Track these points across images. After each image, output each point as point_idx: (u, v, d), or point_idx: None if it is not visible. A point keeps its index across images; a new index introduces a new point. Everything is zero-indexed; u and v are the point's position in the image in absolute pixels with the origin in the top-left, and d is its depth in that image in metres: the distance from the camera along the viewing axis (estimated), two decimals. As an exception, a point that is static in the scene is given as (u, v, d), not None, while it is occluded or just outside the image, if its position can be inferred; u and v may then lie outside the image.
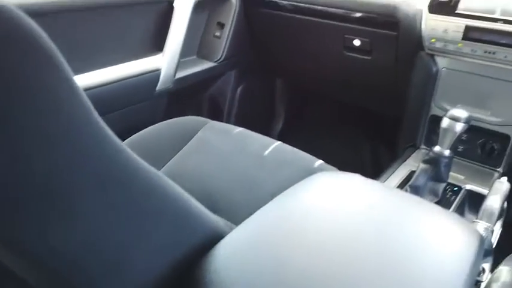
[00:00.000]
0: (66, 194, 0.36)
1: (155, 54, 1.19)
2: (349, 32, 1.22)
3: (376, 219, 0.50)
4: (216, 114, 1.48)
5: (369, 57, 1.23)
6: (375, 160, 1.58)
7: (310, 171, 0.92)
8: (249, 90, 1.54)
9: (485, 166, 1.08)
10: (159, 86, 1.21)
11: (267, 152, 0.99)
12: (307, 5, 1.24)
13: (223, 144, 1.00)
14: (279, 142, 1.02)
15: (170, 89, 1.25)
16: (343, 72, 1.36)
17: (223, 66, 1.40)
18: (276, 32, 1.41)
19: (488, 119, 1.03)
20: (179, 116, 1.09)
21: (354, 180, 0.60)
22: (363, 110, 1.52)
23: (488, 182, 1.03)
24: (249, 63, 1.51)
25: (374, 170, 1.37)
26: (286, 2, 1.28)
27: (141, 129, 1.01)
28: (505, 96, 0.99)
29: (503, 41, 0.91)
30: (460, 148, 1.10)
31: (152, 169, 0.44)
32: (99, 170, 0.38)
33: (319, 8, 1.22)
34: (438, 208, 0.54)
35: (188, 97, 1.41)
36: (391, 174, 1.05)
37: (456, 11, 0.96)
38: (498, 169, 1.06)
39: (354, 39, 1.22)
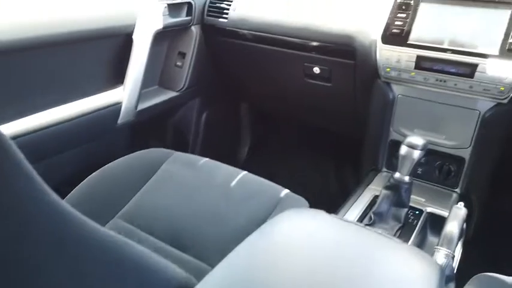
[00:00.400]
0: (17, 264, 0.34)
1: (116, 88, 1.16)
2: (308, 60, 1.25)
3: (341, 258, 0.51)
4: (180, 144, 1.46)
5: (329, 84, 1.26)
6: (340, 182, 1.61)
7: (277, 202, 0.93)
8: (214, 117, 1.54)
9: (444, 187, 1.12)
10: (120, 119, 1.19)
11: (233, 184, 0.99)
12: (266, 34, 1.26)
13: (188, 177, 0.99)
14: (245, 172, 1.02)
15: (132, 121, 1.22)
16: (305, 97, 1.38)
17: (186, 95, 1.39)
18: (238, 59, 1.42)
19: (444, 142, 1.07)
20: (143, 149, 1.07)
21: (319, 219, 0.61)
22: (327, 133, 1.55)
23: (448, 203, 1.07)
24: (213, 91, 1.51)
25: (340, 193, 1.39)
26: (246, 31, 1.30)
27: (104, 165, 0.99)
28: (457, 121, 1.04)
29: (453, 70, 0.95)
30: (419, 171, 1.14)
31: (107, 232, 0.42)
32: (51, 239, 0.37)
33: (279, 37, 1.24)
34: (397, 243, 0.55)
35: (151, 128, 1.39)
36: (356, 200, 1.07)
37: (408, 42, 1.00)
38: (456, 190, 1.11)
39: (314, 67, 1.25)
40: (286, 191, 0.97)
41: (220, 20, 1.33)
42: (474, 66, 0.93)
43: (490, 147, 1.04)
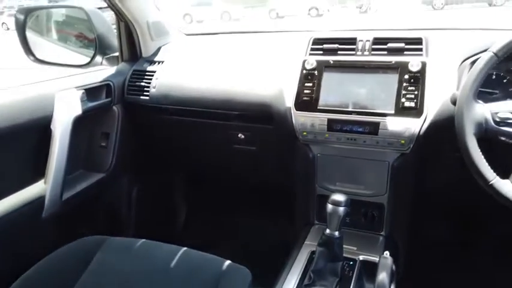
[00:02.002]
0: None
1: (37, 181, 1.11)
2: (232, 128, 1.31)
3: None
4: (114, 226, 1.41)
5: (253, 148, 1.33)
6: (279, 238, 1.65)
7: (220, 277, 0.94)
8: (146, 193, 1.52)
9: (371, 232, 1.21)
10: (45, 213, 1.13)
11: (173, 264, 0.98)
12: (189, 108, 1.31)
13: (125, 265, 0.96)
14: (184, 249, 1.02)
15: (58, 212, 1.17)
16: (235, 162, 1.44)
17: (114, 175, 1.37)
18: (164, 133, 1.44)
19: (364, 192, 1.17)
20: (74, 239, 1.03)
21: None
22: (261, 192, 1.61)
23: (376, 247, 1.16)
24: (142, 167, 1.50)
25: (280, 250, 1.42)
26: (169, 107, 1.33)
27: (35, 263, 0.93)
28: (372, 172, 1.14)
29: (360, 129, 1.07)
30: (347, 220, 1.22)
31: None
32: None
33: (201, 110, 1.29)
34: None
35: (81, 215, 1.33)
36: (295, 259, 1.11)
37: (318, 107, 1.11)
38: (381, 233, 1.20)
39: (238, 133, 1.32)
40: (228, 262, 0.98)
41: (142, 97, 1.35)
42: (377, 124, 1.05)
43: (403, 192, 1.16)
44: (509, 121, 0.84)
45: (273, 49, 1.34)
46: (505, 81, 1.10)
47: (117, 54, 1.45)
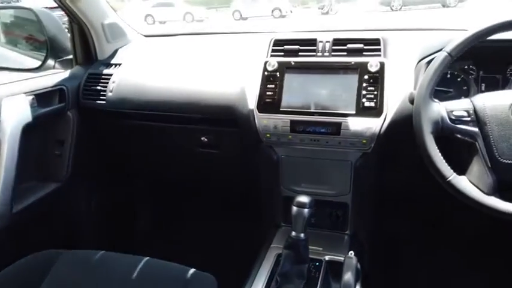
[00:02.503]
0: None
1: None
2: (196, 132, 1.28)
3: None
4: (72, 239, 1.34)
5: (217, 151, 1.31)
6: (245, 241, 1.63)
7: (185, 284, 0.91)
8: (105, 202, 1.46)
9: (336, 231, 1.22)
10: (-7, 228, 1.06)
11: (135, 275, 0.94)
12: (149, 112, 1.27)
13: (83, 278, 0.91)
14: (146, 258, 0.98)
15: (9, 226, 1.09)
16: (199, 166, 1.41)
17: (71, 183, 1.30)
18: (124, 138, 1.39)
19: (328, 192, 1.18)
20: (27, 254, 0.96)
21: None
22: (227, 194, 1.58)
23: (341, 247, 1.16)
24: (100, 174, 1.44)
25: (246, 253, 1.40)
26: (128, 111, 1.28)
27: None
28: (336, 172, 1.15)
29: (323, 130, 1.07)
30: (313, 220, 1.22)
31: None
32: None
33: (162, 113, 1.26)
34: None
35: (35, 229, 1.25)
36: (261, 263, 1.10)
37: (281, 109, 1.10)
38: (346, 232, 1.21)
39: (201, 136, 1.29)
40: (193, 270, 0.95)
41: (98, 102, 1.30)
42: (338, 125, 1.05)
43: (366, 191, 1.17)
44: (463, 119, 0.87)
45: (235, 51, 1.33)
46: (458, 79, 1.14)
47: (71, 57, 1.38)
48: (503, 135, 0.82)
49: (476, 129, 0.85)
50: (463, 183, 0.85)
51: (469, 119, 0.86)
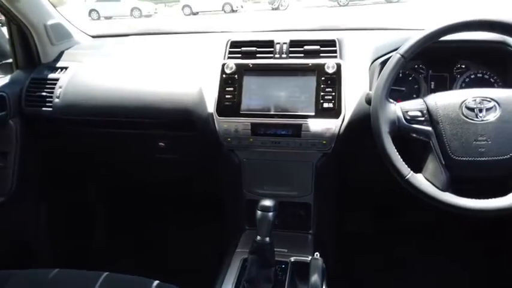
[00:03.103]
0: None
1: None
2: (152, 137, 1.23)
3: None
4: (23, 257, 1.25)
5: (176, 156, 1.27)
6: (210, 245, 1.61)
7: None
8: (57, 214, 1.37)
9: (300, 231, 1.23)
10: None
11: None
12: (99, 118, 1.20)
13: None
14: (105, 274, 0.93)
15: None
16: (158, 172, 1.36)
17: (17, 198, 1.21)
18: (74, 146, 1.31)
19: (291, 193, 1.18)
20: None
21: None
22: (190, 200, 1.55)
23: (306, 247, 1.18)
24: (50, 186, 1.35)
25: (212, 258, 1.38)
26: (78, 118, 1.20)
27: None
28: (298, 173, 1.16)
29: (283, 132, 1.07)
30: (277, 222, 1.22)
31: None
32: None
33: (114, 119, 1.19)
34: None
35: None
36: (227, 270, 1.08)
37: (241, 112, 1.08)
38: (310, 232, 1.23)
39: (158, 142, 1.24)
40: (156, 283, 0.92)
41: (44, 109, 1.21)
42: (299, 126, 1.05)
43: (327, 191, 1.19)
44: (418, 119, 0.90)
45: (190, 51, 1.29)
46: (410, 78, 1.18)
47: (10, 60, 1.27)
48: (455, 134, 0.87)
49: (430, 129, 0.89)
50: (420, 180, 0.89)
51: (423, 118, 0.90)
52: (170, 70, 1.22)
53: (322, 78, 1.07)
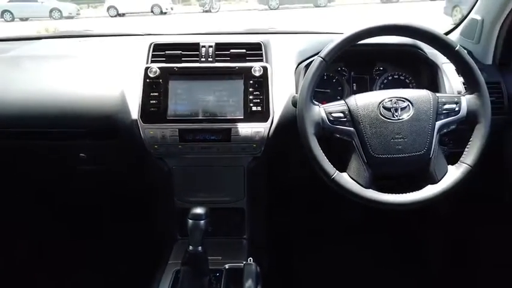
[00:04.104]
0: None
1: None
2: (71, 148, 1.14)
3: None
4: None
5: (100, 166, 1.19)
6: (141, 258, 1.53)
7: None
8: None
9: (235, 237, 1.21)
10: None
11: None
12: (5, 129, 1.08)
13: None
14: None
15: None
16: (85, 184, 1.27)
17: None
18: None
19: (225, 199, 1.16)
20: None
21: None
22: (118, 211, 1.46)
23: (240, 252, 1.16)
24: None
25: (142, 270, 1.32)
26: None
27: None
28: (230, 178, 1.14)
29: (213, 137, 1.05)
30: (210, 229, 1.20)
31: None
32: None
33: (25, 130, 1.08)
34: None
35: None
36: (159, 282, 1.03)
37: (167, 118, 1.04)
38: (244, 236, 1.22)
39: (79, 153, 1.15)
40: None
41: None
42: (228, 131, 1.04)
43: (260, 194, 1.19)
44: (341, 120, 0.93)
45: (112, 55, 1.22)
46: (334, 80, 1.23)
47: None
48: (375, 133, 0.91)
49: (352, 129, 0.93)
50: (345, 179, 0.92)
51: (345, 119, 0.93)
52: (89, 75, 1.14)
53: (250, 81, 1.07)
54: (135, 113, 1.05)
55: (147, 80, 1.06)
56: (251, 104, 1.05)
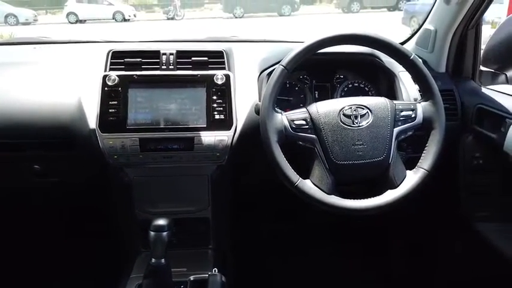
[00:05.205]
0: None
1: None
2: (26, 159, 1.09)
3: None
4: None
5: (56, 179, 1.14)
6: (102, 272, 1.47)
7: None
8: None
9: (200, 248, 1.19)
10: None
11: None
12: None
13: None
14: None
15: None
16: (41, 197, 1.21)
17: None
18: None
19: (189, 209, 1.14)
20: None
21: None
22: (78, 223, 1.40)
23: (206, 263, 1.14)
24: None
25: (105, 285, 1.26)
26: None
27: None
28: (194, 187, 1.12)
29: (175, 147, 1.02)
30: (174, 240, 1.17)
31: None
32: None
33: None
34: None
35: None
36: None
37: (127, 127, 1.01)
38: (210, 246, 1.20)
39: (34, 165, 1.10)
40: None
41: None
42: (191, 139, 1.02)
43: (224, 203, 1.18)
44: (303, 127, 0.94)
45: (68, 63, 1.17)
46: (296, 88, 1.24)
47: None
48: (336, 140, 0.92)
49: (314, 136, 0.94)
50: (308, 186, 0.92)
51: (307, 126, 0.94)
52: (44, 84, 1.09)
53: (212, 89, 1.06)
54: (93, 123, 1.01)
55: (106, 88, 1.03)
56: (214, 112, 1.04)
